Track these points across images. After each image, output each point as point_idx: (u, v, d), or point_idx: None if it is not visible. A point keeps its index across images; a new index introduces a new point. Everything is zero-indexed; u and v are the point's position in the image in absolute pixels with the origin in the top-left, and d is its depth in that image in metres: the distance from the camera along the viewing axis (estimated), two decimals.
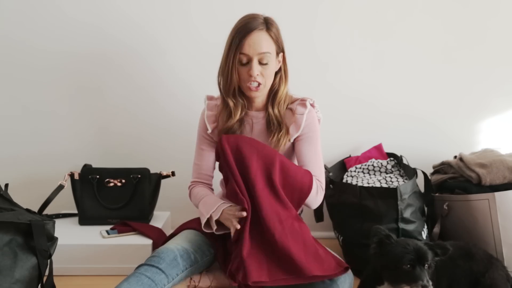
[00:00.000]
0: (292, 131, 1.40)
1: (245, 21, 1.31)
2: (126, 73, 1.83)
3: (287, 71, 1.40)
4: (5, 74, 1.83)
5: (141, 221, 1.71)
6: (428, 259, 1.10)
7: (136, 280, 1.17)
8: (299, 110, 1.40)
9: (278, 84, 1.39)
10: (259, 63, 1.31)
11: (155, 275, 1.20)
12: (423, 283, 1.07)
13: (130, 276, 1.19)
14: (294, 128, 1.39)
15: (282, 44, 1.36)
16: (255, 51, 1.29)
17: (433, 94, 1.82)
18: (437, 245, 1.14)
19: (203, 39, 1.80)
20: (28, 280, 1.21)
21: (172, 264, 1.24)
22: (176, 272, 1.25)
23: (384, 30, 1.78)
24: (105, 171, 1.75)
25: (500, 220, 1.37)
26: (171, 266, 1.24)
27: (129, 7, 1.78)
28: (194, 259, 1.31)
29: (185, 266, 1.28)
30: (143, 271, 1.20)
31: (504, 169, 1.44)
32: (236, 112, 1.38)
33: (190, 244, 1.33)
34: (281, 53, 1.37)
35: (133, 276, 1.19)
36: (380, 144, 1.77)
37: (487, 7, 1.76)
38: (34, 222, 1.24)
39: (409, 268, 1.09)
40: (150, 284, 1.18)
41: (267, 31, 1.31)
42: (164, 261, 1.23)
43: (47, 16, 1.79)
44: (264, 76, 1.33)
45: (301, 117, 1.39)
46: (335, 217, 1.64)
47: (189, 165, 1.85)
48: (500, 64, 1.80)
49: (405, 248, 1.11)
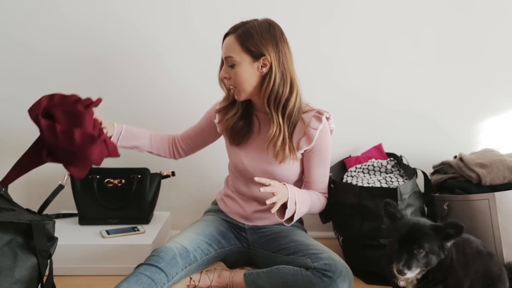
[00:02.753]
0: (303, 143, 1.36)
1: None
2: (126, 74, 1.83)
3: (287, 77, 1.31)
4: (5, 74, 1.83)
5: (141, 221, 1.71)
6: (420, 243, 1.02)
7: (135, 279, 1.18)
8: (313, 124, 1.35)
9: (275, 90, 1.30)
10: (228, 66, 1.32)
11: (154, 274, 1.20)
12: (398, 266, 1.01)
13: (130, 275, 1.20)
14: (305, 141, 1.36)
15: (261, 48, 1.28)
16: (223, 54, 1.33)
17: (433, 94, 1.82)
18: (448, 225, 1.03)
19: (202, 41, 1.79)
20: (28, 280, 1.21)
21: (171, 263, 1.25)
22: (175, 271, 1.25)
23: (384, 29, 1.78)
24: (105, 171, 1.75)
25: (500, 220, 1.37)
26: (170, 265, 1.24)
27: (127, 9, 1.79)
28: (193, 258, 1.32)
29: (184, 265, 1.28)
30: (143, 270, 1.21)
31: (504, 169, 1.44)
32: (238, 109, 1.42)
33: (189, 243, 1.34)
34: (262, 57, 1.29)
35: (133, 275, 1.19)
36: (380, 144, 1.77)
37: (491, 9, 1.76)
38: (34, 222, 1.24)
39: (397, 247, 1.04)
40: (150, 283, 1.18)
41: (234, 35, 1.30)
42: (164, 260, 1.24)
43: (46, 19, 1.79)
44: (233, 79, 1.32)
45: (314, 132, 1.35)
46: (335, 217, 1.64)
47: (189, 165, 1.86)
48: (502, 64, 1.80)
49: (401, 227, 1.06)
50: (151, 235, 1.60)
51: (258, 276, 1.32)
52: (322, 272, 1.22)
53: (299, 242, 1.37)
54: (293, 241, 1.39)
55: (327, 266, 1.23)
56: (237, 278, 1.36)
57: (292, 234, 1.43)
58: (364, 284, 1.47)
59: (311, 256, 1.28)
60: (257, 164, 1.41)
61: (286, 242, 1.40)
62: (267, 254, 1.42)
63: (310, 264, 1.26)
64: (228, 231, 1.48)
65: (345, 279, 1.22)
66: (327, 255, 1.28)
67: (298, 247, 1.35)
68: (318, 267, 1.24)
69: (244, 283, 1.33)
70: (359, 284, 1.47)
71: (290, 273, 1.26)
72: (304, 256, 1.30)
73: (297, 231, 1.47)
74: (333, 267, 1.23)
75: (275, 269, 1.30)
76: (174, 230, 1.91)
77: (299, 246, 1.35)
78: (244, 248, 1.48)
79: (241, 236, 1.49)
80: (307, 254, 1.30)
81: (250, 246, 1.48)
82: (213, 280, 1.37)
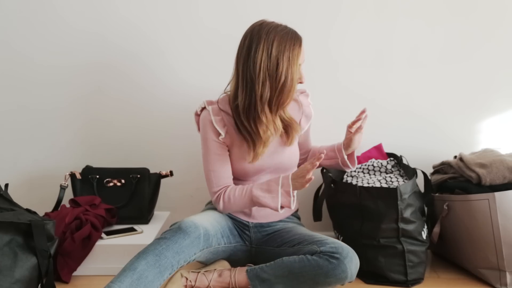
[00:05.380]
0: (304, 123, 1.50)
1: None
2: (126, 74, 1.83)
3: None
4: (5, 74, 1.83)
5: (140, 221, 1.71)
6: None
7: (154, 260, 1.19)
8: (305, 102, 1.51)
9: None
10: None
11: (174, 255, 1.22)
12: None
13: (149, 251, 1.21)
14: (305, 120, 1.51)
15: None
16: (303, 59, 1.39)
17: (433, 94, 1.82)
18: None
19: (203, 40, 1.80)
20: (28, 280, 1.21)
21: (194, 242, 1.26)
22: (194, 251, 1.27)
23: (385, 30, 1.78)
24: (105, 171, 1.75)
25: (500, 220, 1.37)
26: (192, 245, 1.26)
27: (128, 7, 1.79)
28: (210, 242, 1.33)
29: (203, 247, 1.30)
30: (164, 249, 1.21)
31: (504, 169, 1.44)
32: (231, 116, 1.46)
33: (212, 227, 1.35)
34: None
35: (152, 253, 1.20)
36: (380, 144, 1.77)
37: (492, 9, 1.75)
38: (34, 222, 1.24)
39: None
40: (167, 266, 1.20)
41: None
42: (189, 237, 1.25)
43: (46, 20, 1.79)
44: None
45: (309, 108, 1.51)
46: (335, 217, 1.64)
47: (189, 165, 1.86)
48: (502, 64, 1.79)
49: None
50: (151, 235, 1.60)
51: (261, 270, 1.29)
52: (330, 254, 1.22)
53: (303, 234, 1.38)
54: (297, 234, 1.39)
55: (333, 248, 1.23)
56: (239, 275, 1.32)
57: (295, 229, 1.43)
58: (364, 284, 1.47)
59: (316, 242, 1.28)
60: (267, 161, 1.43)
61: (290, 236, 1.40)
62: (271, 250, 1.42)
63: (317, 249, 1.25)
64: (233, 228, 1.48)
65: (352, 261, 1.22)
66: (332, 240, 1.28)
67: (303, 237, 1.35)
68: (324, 251, 1.23)
69: (247, 279, 1.31)
70: (358, 284, 1.47)
71: (296, 261, 1.25)
72: (309, 244, 1.29)
73: (298, 226, 1.48)
74: (340, 249, 1.23)
75: (279, 260, 1.28)
76: None
77: (303, 237, 1.35)
78: (246, 247, 1.48)
79: (244, 234, 1.48)
80: (312, 242, 1.29)
81: (252, 245, 1.48)
82: (211, 280, 1.33)
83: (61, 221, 1.52)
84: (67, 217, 1.53)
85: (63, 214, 1.55)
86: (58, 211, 1.60)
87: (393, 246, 1.44)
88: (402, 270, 1.45)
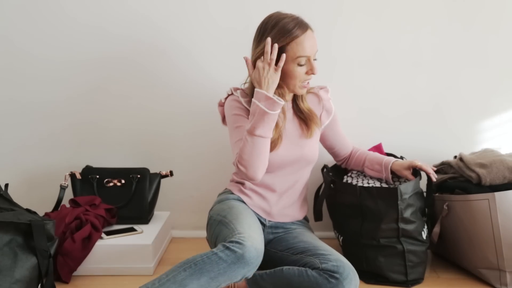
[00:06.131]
0: (324, 118, 1.52)
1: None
2: (126, 73, 1.83)
3: None
4: (5, 73, 1.83)
5: (140, 221, 1.71)
6: None
7: (207, 283, 1.14)
8: (325, 96, 1.53)
9: None
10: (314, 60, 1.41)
11: (227, 280, 1.16)
12: None
13: (205, 272, 1.14)
14: (326, 115, 1.52)
15: None
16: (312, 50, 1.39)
17: (434, 94, 1.82)
18: None
19: (207, 37, 1.79)
20: (28, 280, 1.22)
21: (250, 271, 1.19)
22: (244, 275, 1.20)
23: (385, 30, 1.78)
24: (105, 171, 1.75)
25: (500, 220, 1.37)
26: (247, 273, 1.18)
27: (143, 5, 1.79)
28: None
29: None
30: (221, 274, 1.15)
31: (504, 169, 1.44)
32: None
33: (263, 243, 1.27)
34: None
35: (207, 275, 1.14)
36: (380, 144, 1.76)
37: (492, 9, 1.75)
38: (34, 222, 1.24)
39: None
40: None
41: (311, 30, 1.40)
42: (248, 267, 1.17)
43: (48, 15, 1.79)
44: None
45: (329, 103, 1.53)
46: (335, 217, 1.64)
47: (189, 165, 1.86)
48: (502, 64, 1.79)
49: None
50: (151, 235, 1.60)
51: (261, 278, 1.30)
52: (330, 273, 1.21)
53: (308, 242, 1.37)
54: (302, 242, 1.38)
55: (335, 267, 1.22)
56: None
57: (302, 235, 1.42)
58: (364, 284, 1.47)
59: (319, 256, 1.27)
60: (290, 152, 1.42)
61: (295, 242, 1.39)
62: (274, 253, 1.41)
63: (318, 265, 1.24)
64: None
65: (351, 282, 1.21)
66: (335, 257, 1.26)
67: (307, 247, 1.34)
68: (326, 268, 1.22)
69: (246, 285, 1.32)
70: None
71: (295, 274, 1.25)
72: (312, 256, 1.29)
73: (307, 232, 1.46)
74: (341, 269, 1.22)
75: (278, 270, 1.28)
76: (174, 230, 1.91)
77: (307, 247, 1.34)
78: None
79: None
80: (315, 254, 1.29)
81: None
82: None
83: (61, 221, 1.52)
84: (67, 217, 1.53)
85: (63, 214, 1.55)
86: (58, 211, 1.60)
87: (393, 246, 1.44)
88: (402, 270, 1.45)
